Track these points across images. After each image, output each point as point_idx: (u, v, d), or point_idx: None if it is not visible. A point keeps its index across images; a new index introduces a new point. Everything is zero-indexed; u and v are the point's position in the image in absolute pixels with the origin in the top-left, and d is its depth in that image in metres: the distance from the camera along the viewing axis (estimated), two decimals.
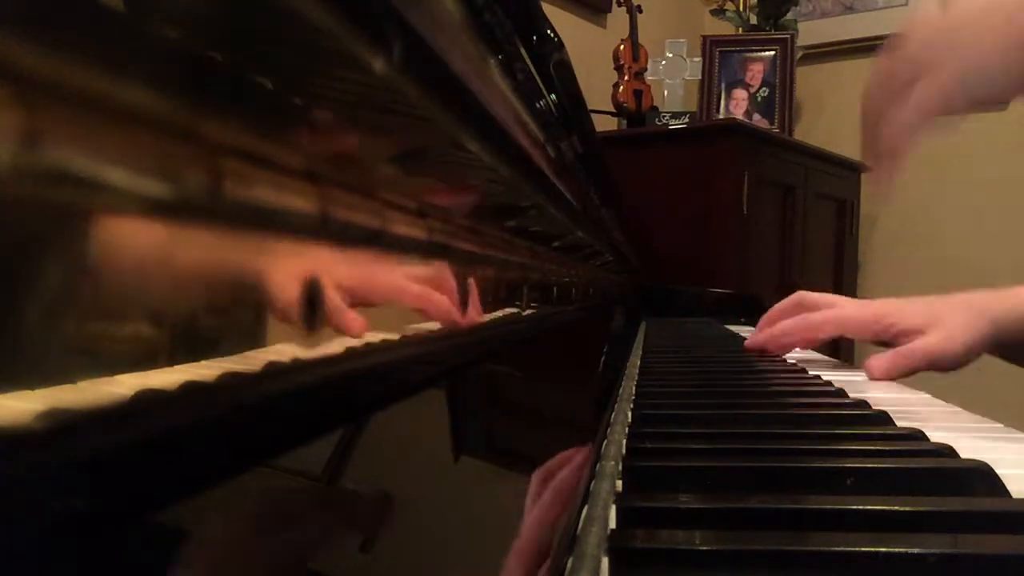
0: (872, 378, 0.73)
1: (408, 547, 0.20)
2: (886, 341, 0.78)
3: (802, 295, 0.89)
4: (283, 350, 0.17)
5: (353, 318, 0.20)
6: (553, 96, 0.51)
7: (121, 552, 0.12)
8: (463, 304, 0.31)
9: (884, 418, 0.47)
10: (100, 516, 0.11)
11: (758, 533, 0.27)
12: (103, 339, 0.12)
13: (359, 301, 0.21)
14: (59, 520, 0.11)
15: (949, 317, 0.74)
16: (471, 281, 0.33)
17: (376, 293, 0.23)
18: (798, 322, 0.84)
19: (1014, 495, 0.31)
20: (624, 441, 0.39)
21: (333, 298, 0.19)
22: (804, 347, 0.88)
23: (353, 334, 0.20)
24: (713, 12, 2.70)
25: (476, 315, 0.33)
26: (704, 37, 2.49)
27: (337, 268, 0.20)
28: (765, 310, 0.94)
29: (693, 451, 0.38)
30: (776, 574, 0.25)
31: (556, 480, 0.28)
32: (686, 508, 0.29)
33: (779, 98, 2.40)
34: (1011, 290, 0.76)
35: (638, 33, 2.23)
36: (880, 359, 0.73)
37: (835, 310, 0.83)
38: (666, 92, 2.37)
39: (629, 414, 0.46)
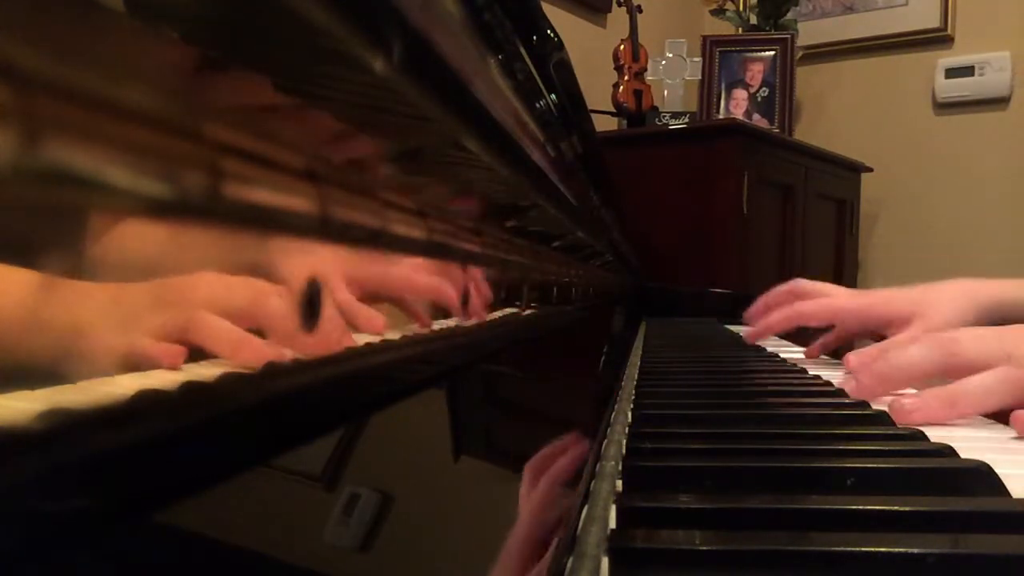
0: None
1: (408, 547, 0.20)
2: (875, 332, 0.79)
3: (797, 283, 0.93)
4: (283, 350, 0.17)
5: (369, 315, 0.21)
6: (553, 96, 0.51)
7: (121, 552, 0.12)
8: (470, 301, 0.31)
9: (884, 418, 0.47)
10: (100, 516, 0.11)
11: (758, 533, 0.27)
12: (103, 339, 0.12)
13: (372, 297, 0.21)
14: (59, 520, 0.11)
15: (935, 305, 0.74)
16: (471, 282, 0.33)
17: (389, 287, 0.23)
18: (791, 312, 0.87)
19: (1014, 495, 0.31)
20: (624, 441, 0.39)
21: (344, 297, 0.19)
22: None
23: (372, 331, 0.21)
24: (713, 12, 2.70)
25: (484, 310, 0.34)
26: (704, 37, 2.49)
27: (345, 266, 0.20)
28: None
29: (693, 451, 0.38)
30: (776, 574, 0.25)
31: (552, 470, 0.28)
32: (686, 508, 0.29)
33: (779, 98, 2.40)
34: (1007, 280, 0.76)
35: (638, 33, 2.23)
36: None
37: (828, 299, 0.86)
38: (666, 92, 2.37)
39: (629, 414, 0.46)
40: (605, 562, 0.24)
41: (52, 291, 0.10)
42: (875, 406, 0.51)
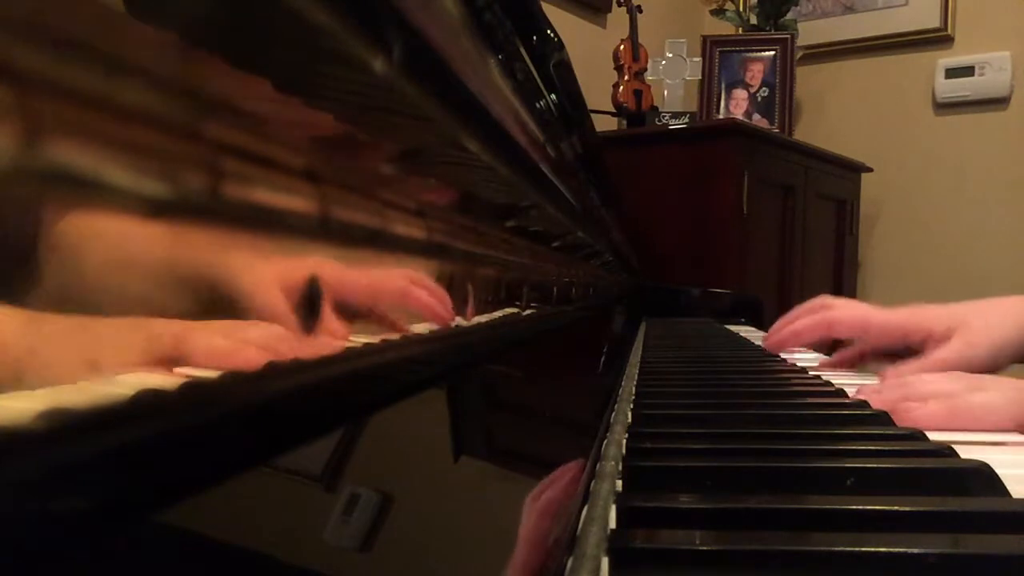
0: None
1: (408, 547, 0.20)
2: (909, 348, 0.75)
3: (825, 298, 0.88)
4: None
5: (334, 322, 0.20)
6: (553, 96, 0.51)
7: (121, 552, 0.12)
8: (457, 303, 0.31)
9: (884, 418, 0.47)
10: (100, 516, 0.11)
11: (758, 533, 0.27)
12: (103, 339, 0.12)
13: (341, 302, 0.21)
14: (59, 520, 0.11)
15: (974, 321, 0.71)
16: (468, 282, 0.33)
17: (356, 293, 0.22)
18: (818, 318, 0.83)
19: (1014, 495, 0.31)
20: (624, 441, 0.39)
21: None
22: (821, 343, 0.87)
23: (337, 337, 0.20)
24: (713, 12, 2.70)
25: (471, 314, 0.33)
26: (704, 37, 2.49)
27: (320, 269, 0.19)
28: (765, 311, 0.94)
29: (693, 451, 0.38)
30: (776, 574, 0.25)
31: (542, 500, 0.28)
32: (686, 508, 0.29)
33: (779, 98, 2.40)
34: None
35: (638, 33, 2.23)
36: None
37: (858, 310, 0.82)
38: (666, 92, 2.37)
39: (629, 414, 0.46)
40: (605, 562, 0.24)
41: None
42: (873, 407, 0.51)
